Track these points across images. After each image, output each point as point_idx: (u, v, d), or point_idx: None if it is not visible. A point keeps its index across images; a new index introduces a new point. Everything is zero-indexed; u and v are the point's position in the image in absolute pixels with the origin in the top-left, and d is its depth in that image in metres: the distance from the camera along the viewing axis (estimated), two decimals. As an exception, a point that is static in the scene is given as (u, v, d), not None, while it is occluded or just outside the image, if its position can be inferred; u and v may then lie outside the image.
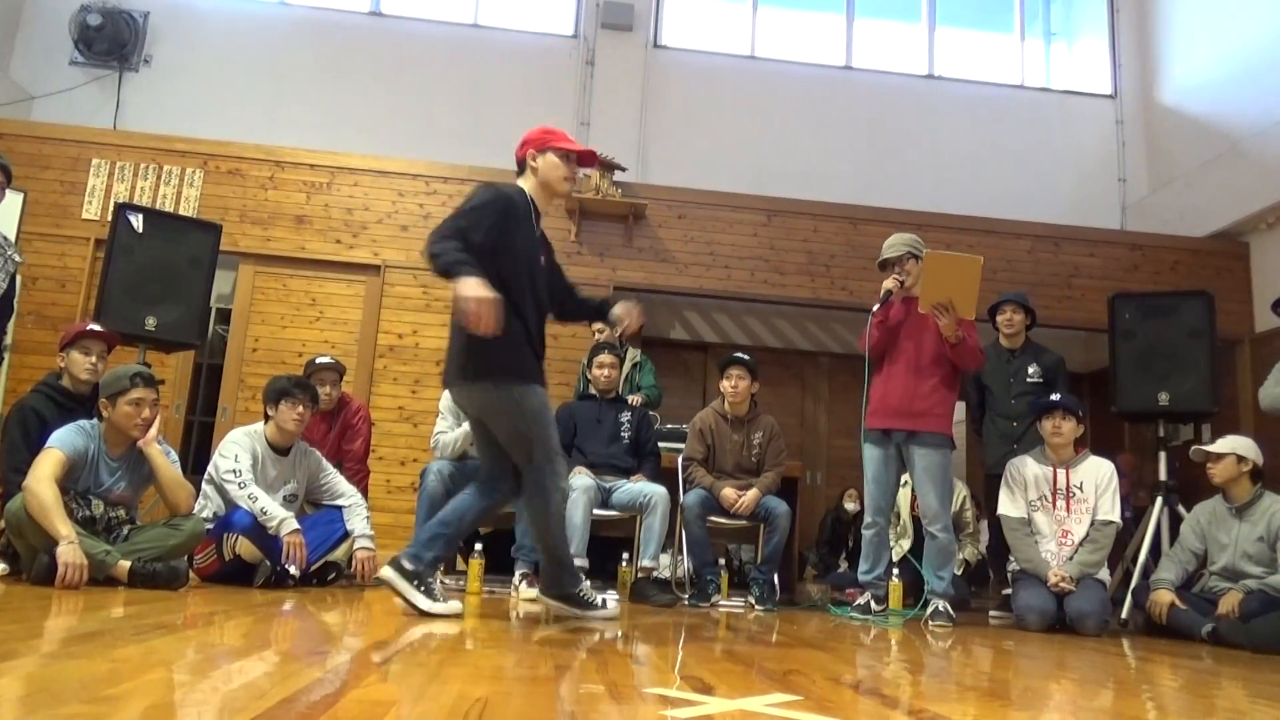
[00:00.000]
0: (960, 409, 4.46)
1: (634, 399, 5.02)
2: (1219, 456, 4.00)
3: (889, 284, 4.07)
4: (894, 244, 4.15)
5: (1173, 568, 4.07)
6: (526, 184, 3.02)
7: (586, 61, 7.52)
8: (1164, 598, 3.93)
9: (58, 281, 6.16)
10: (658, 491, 4.32)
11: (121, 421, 3.36)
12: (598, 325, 5.41)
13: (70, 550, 3.00)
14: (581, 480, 4.30)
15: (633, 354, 5.52)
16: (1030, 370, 4.81)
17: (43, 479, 3.12)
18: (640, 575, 4.25)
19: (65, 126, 6.56)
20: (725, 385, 4.61)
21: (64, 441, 3.26)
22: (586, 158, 3.09)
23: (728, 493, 4.39)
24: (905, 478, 4.43)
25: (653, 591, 4.16)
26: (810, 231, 6.93)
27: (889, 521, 4.24)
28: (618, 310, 3.21)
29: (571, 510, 4.24)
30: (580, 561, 4.21)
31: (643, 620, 3.30)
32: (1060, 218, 7.32)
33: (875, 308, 4.06)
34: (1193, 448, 4.16)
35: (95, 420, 3.42)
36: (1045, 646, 3.26)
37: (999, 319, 4.94)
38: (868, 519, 4.14)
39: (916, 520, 4.66)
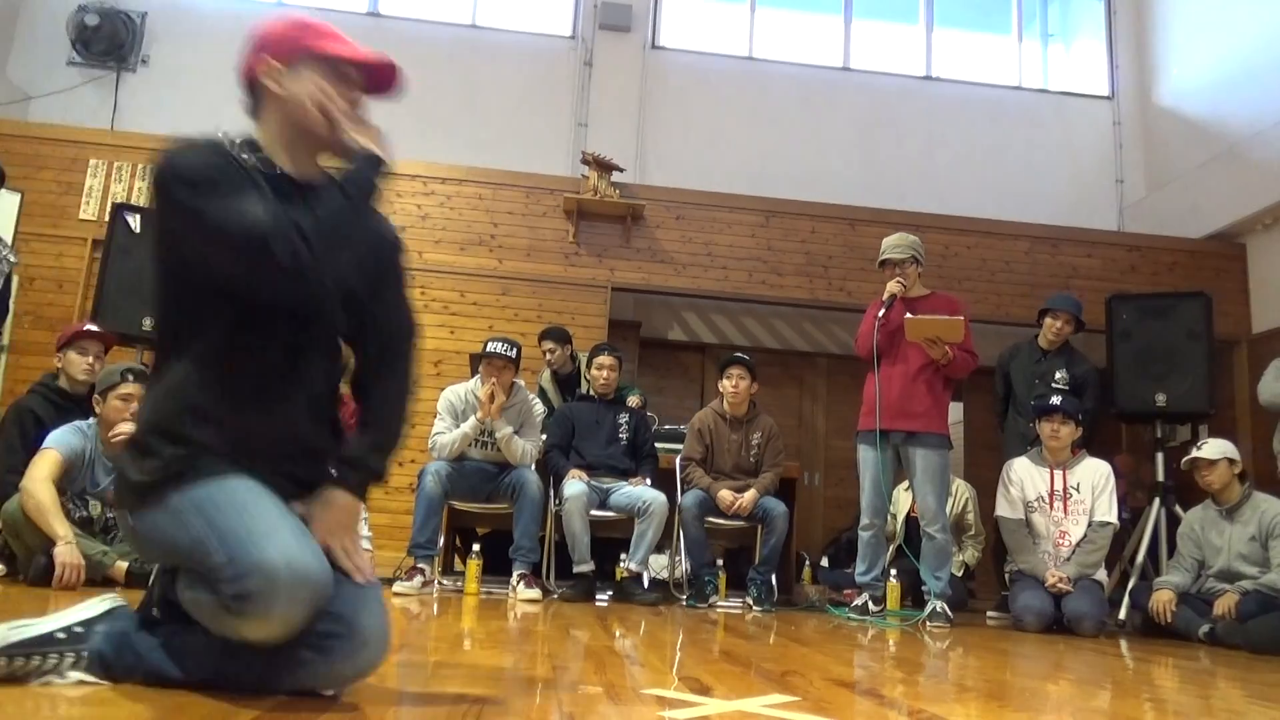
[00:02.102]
0: (957, 410, 4.46)
1: (634, 400, 5.02)
2: (1212, 463, 3.99)
3: (894, 288, 4.07)
4: (898, 245, 4.14)
5: (1179, 572, 4.07)
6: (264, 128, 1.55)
7: (584, 62, 7.52)
8: (1165, 596, 3.93)
9: (55, 282, 6.15)
10: (656, 499, 4.32)
11: (110, 416, 3.35)
12: (548, 345, 5.29)
13: (68, 551, 2.99)
14: (575, 487, 4.29)
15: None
16: (1058, 375, 4.73)
17: (40, 480, 3.11)
18: (626, 576, 4.27)
19: (62, 127, 6.55)
20: (726, 385, 4.61)
21: (61, 442, 3.26)
22: (381, 74, 1.64)
23: (724, 495, 4.39)
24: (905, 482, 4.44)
25: (637, 591, 4.22)
26: (808, 232, 6.93)
27: (885, 523, 4.25)
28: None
29: (569, 518, 4.25)
30: (586, 566, 4.22)
31: (640, 621, 3.30)
32: (1058, 219, 7.32)
33: (881, 313, 4.06)
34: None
35: (91, 420, 3.41)
36: (1043, 647, 3.26)
37: (1047, 321, 4.87)
38: (864, 520, 4.14)
39: (910, 522, 4.66)
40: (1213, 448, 4.03)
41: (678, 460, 4.69)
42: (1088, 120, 8.05)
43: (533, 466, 4.39)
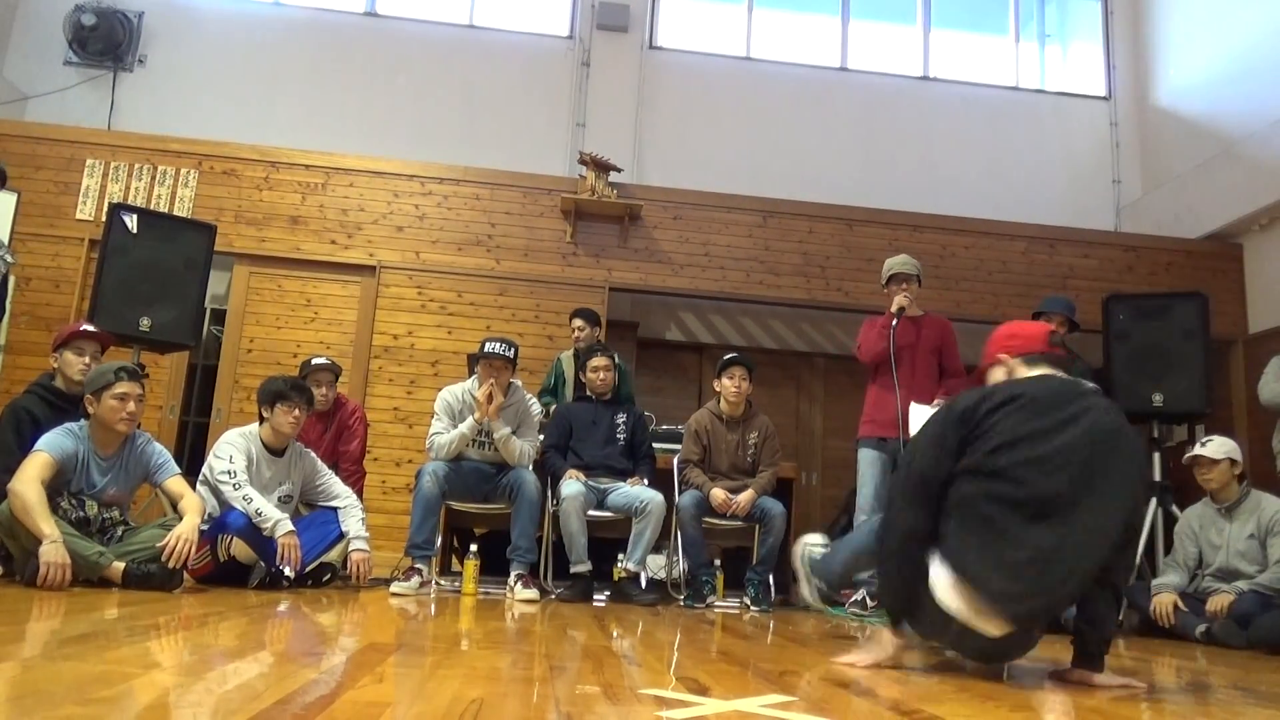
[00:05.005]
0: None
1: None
2: (1214, 462, 4.00)
3: (902, 301, 4.30)
4: (906, 263, 4.44)
5: (1176, 571, 4.09)
6: None
7: (582, 62, 7.52)
8: (1167, 599, 3.94)
9: (52, 282, 6.14)
10: (654, 499, 4.31)
11: (107, 416, 3.33)
12: (577, 323, 5.39)
13: (53, 550, 2.97)
14: (573, 487, 4.29)
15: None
16: None
17: (27, 480, 3.10)
18: (623, 576, 4.27)
19: (59, 127, 6.54)
20: (726, 385, 4.60)
21: (51, 444, 3.24)
22: None
23: (716, 493, 4.39)
24: None
25: (635, 591, 4.21)
26: (805, 233, 6.94)
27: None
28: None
29: (567, 519, 4.25)
30: (583, 566, 4.22)
31: (638, 621, 3.30)
32: (1055, 219, 7.33)
33: (894, 323, 4.27)
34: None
35: (83, 422, 3.40)
36: (1040, 647, 3.26)
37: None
38: (861, 519, 4.17)
39: None
40: (1217, 446, 4.03)
41: (675, 461, 4.69)
42: (1085, 121, 8.07)
43: (530, 467, 4.39)
